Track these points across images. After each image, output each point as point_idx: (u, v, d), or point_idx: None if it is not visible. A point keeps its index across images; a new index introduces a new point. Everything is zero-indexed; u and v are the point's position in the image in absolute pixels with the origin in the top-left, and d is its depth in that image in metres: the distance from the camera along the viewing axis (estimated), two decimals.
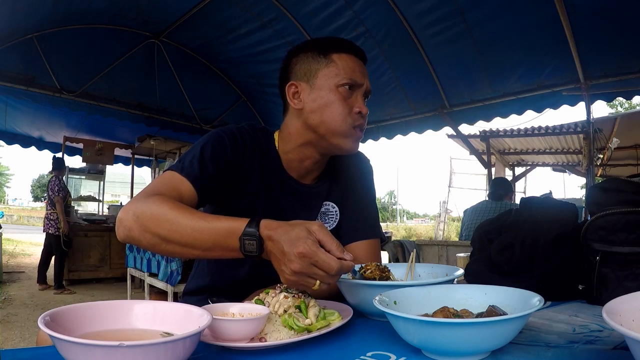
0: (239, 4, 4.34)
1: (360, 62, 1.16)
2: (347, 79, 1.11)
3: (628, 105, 16.70)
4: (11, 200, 49.79)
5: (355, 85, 1.12)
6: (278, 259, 0.81)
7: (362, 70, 1.15)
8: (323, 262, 0.76)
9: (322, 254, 0.77)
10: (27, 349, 0.70)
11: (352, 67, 1.13)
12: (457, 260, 2.39)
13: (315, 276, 0.78)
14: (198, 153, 1.07)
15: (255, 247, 0.83)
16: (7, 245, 10.62)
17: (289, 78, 1.17)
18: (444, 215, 13.89)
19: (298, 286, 0.81)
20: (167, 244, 0.90)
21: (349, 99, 1.12)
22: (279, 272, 0.82)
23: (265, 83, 5.61)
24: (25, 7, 4.06)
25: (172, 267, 3.83)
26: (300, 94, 1.14)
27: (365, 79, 1.15)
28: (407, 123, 4.80)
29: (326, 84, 1.11)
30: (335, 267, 0.76)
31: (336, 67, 1.12)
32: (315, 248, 0.77)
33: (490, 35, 3.70)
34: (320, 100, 1.11)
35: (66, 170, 6.61)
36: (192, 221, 0.89)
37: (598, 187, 1.10)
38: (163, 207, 0.92)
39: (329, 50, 1.14)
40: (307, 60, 1.14)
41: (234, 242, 0.84)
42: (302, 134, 1.14)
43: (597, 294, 1.01)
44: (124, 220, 0.93)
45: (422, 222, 43.64)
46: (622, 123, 5.75)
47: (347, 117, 1.11)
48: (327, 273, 0.77)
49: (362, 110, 1.12)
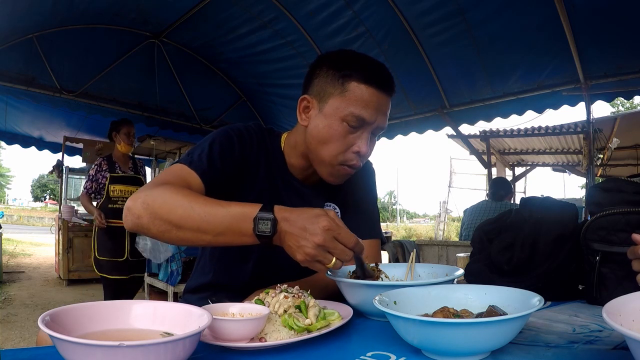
0: (239, 4, 4.33)
1: (381, 95, 1.05)
2: (354, 115, 1.03)
3: (629, 105, 16.71)
4: (11, 200, 49.81)
5: (362, 123, 1.04)
6: (296, 236, 0.82)
7: (379, 106, 1.05)
8: (345, 234, 0.81)
9: (345, 228, 0.82)
10: (27, 349, 0.70)
11: (367, 102, 1.03)
12: (457, 260, 2.39)
13: (334, 251, 0.81)
14: (207, 148, 1.08)
15: (270, 227, 0.84)
16: (7, 245, 10.62)
17: (306, 89, 1.12)
18: (444, 215, 13.88)
19: (313, 264, 0.83)
20: (179, 230, 0.91)
21: (352, 134, 1.05)
22: (296, 249, 0.83)
23: (265, 83, 5.61)
24: (25, 7, 4.06)
25: (172, 267, 3.83)
26: (309, 111, 1.11)
27: (377, 116, 1.05)
28: (407, 123, 4.79)
29: (333, 114, 1.05)
30: (353, 241, 0.82)
31: (348, 98, 1.03)
32: (338, 222, 0.82)
33: (490, 35, 3.69)
34: (322, 129, 1.06)
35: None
36: (206, 206, 0.90)
37: (598, 187, 1.10)
38: (175, 193, 0.93)
39: (349, 76, 1.04)
40: (325, 79, 1.07)
41: (248, 225, 0.86)
42: (303, 146, 1.15)
43: (597, 294, 1.01)
44: (133, 208, 0.93)
45: (422, 222, 43.66)
46: (622, 123, 5.76)
47: (340, 155, 1.06)
48: (346, 247, 0.82)
49: (361, 151, 1.05)
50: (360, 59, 1.09)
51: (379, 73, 1.07)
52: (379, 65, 1.08)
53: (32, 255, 10.42)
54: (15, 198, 52.88)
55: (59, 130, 6.77)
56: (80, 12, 4.45)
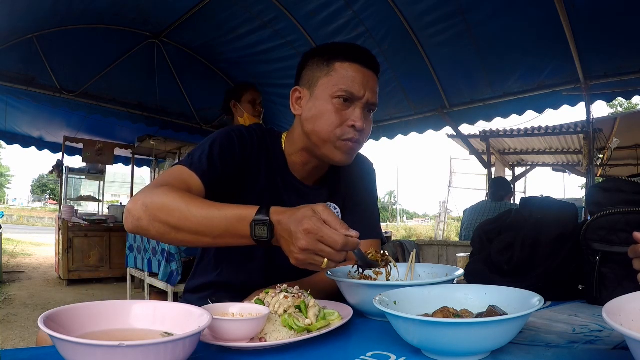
0: (239, 4, 4.33)
1: (366, 71, 1.09)
2: (343, 91, 1.07)
3: (628, 105, 16.71)
4: (11, 200, 49.79)
5: (352, 98, 1.08)
6: (287, 240, 0.82)
7: (364, 81, 1.08)
8: (328, 237, 0.78)
9: (327, 229, 0.78)
10: (27, 349, 0.70)
11: (353, 77, 1.07)
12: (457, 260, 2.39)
13: (322, 253, 0.79)
14: (207, 150, 1.09)
15: (266, 232, 0.84)
16: (7, 245, 10.62)
17: (297, 82, 1.17)
18: (444, 215, 13.88)
19: (307, 266, 0.82)
20: (178, 232, 0.91)
21: (345, 111, 1.08)
22: (288, 254, 0.83)
23: (265, 83, 5.60)
24: (25, 7, 4.05)
25: (172, 267, 3.82)
26: (301, 100, 1.14)
27: (366, 91, 1.08)
28: (407, 123, 4.79)
29: (323, 94, 1.09)
30: (340, 242, 0.78)
31: (335, 77, 1.08)
32: (320, 224, 0.78)
33: (490, 36, 3.69)
34: (315, 110, 1.10)
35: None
36: (202, 209, 0.90)
37: (598, 187, 1.10)
38: (173, 196, 0.93)
39: (333, 58, 1.10)
40: (312, 67, 1.13)
41: (245, 229, 0.86)
42: (302, 139, 1.16)
43: (597, 294, 1.01)
44: (133, 210, 0.94)
45: (422, 222, 43.63)
46: (622, 123, 5.75)
47: (337, 129, 1.08)
48: (333, 249, 0.78)
49: (357, 124, 1.07)
50: (342, 43, 1.15)
51: (362, 52, 1.12)
52: (361, 47, 1.13)
53: (32, 255, 10.42)
54: (15, 198, 52.86)
55: (59, 130, 6.77)
56: (80, 12, 4.45)
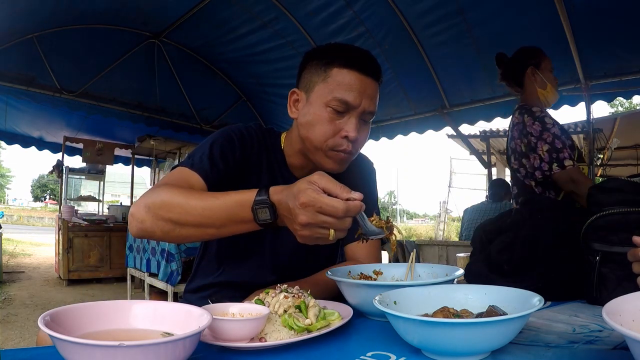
0: (239, 4, 4.33)
1: (365, 79, 1.05)
2: (337, 100, 1.03)
3: (628, 105, 16.71)
4: (11, 200, 49.77)
5: (347, 107, 1.04)
6: (289, 219, 0.80)
7: (362, 89, 1.04)
8: (327, 205, 0.73)
9: (324, 198, 0.74)
10: (27, 349, 0.70)
11: (349, 85, 1.03)
12: (457, 260, 2.39)
13: (325, 224, 0.75)
14: (207, 150, 1.08)
15: (269, 213, 0.82)
16: (7, 245, 10.62)
17: (297, 84, 1.15)
18: (444, 215, 13.88)
19: (315, 241, 0.79)
20: (182, 227, 0.91)
21: (339, 120, 1.05)
22: (293, 232, 0.81)
23: (265, 83, 5.61)
24: (25, 7, 4.06)
25: (172, 267, 3.83)
26: (299, 103, 1.13)
27: (362, 99, 1.04)
28: (407, 123, 4.79)
29: (318, 101, 1.06)
30: (340, 208, 0.73)
31: (331, 84, 1.04)
32: (315, 195, 0.74)
33: (490, 35, 3.69)
34: (309, 116, 1.08)
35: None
36: (202, 200, 0.89)
37: (598, 187, 1.10)
38: (172, 193, 0.93)
39: (331, 63, 1.06)
40: (310, 71, 1.10)
41: (247, 213, 0.84)
42: (298, 141, 1.15)
43: (597, 294, 1.01)
44: (136, 213, 0.94)
45: (422, 222, 43.62)
46: (622, 123, 5.76)
47: (330, 139, 1.06)
48: (335, 217, 0.74)
49: (350, 135, 1.04)
50: (342, 46, 1.11)
51: (361, 57, 1.07)
52: (362, 51, 1.09)
53: (32, 255, 10.42)
54: (15, 198, 52.83)
55: (59, 130, 6.77)
56: (80, 12, 4.45)
